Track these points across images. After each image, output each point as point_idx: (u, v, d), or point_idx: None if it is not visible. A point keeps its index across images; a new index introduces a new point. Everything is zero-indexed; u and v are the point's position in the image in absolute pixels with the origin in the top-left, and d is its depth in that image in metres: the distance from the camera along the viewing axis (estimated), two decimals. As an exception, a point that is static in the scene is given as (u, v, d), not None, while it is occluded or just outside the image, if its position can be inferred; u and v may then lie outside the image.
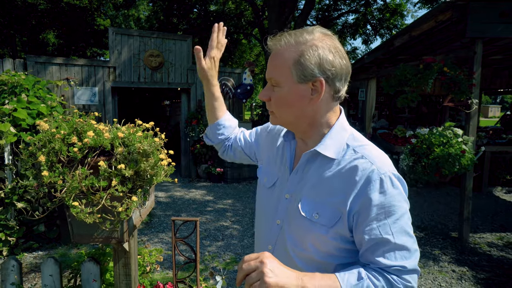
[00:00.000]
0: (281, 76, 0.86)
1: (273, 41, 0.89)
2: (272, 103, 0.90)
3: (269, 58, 0.89)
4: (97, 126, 1.30)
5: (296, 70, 0.84)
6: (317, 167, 0.89)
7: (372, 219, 0.80)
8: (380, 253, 0.81)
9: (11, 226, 3.55)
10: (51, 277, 1.58)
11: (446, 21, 3.98)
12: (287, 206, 0.93)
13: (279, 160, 1.03)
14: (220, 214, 5.07)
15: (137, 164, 1.27)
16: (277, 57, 0.86)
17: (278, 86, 0.87)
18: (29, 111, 3.61)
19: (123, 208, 1.23)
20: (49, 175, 1.15)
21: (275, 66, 0.87)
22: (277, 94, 0.88)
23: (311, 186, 0.89)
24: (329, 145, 0.88)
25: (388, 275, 0.80)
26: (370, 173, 0.81)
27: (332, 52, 0.84)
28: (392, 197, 0.81)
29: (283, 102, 0.88)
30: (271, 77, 0.88)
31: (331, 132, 0.90)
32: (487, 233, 4.32)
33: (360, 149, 0.86)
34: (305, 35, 0.84)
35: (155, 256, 1.96)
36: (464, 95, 3.74)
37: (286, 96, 0.86)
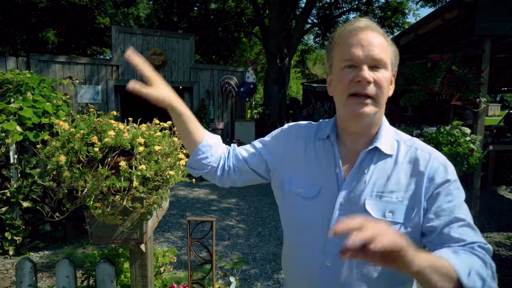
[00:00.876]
0: (388, 58, 0.84)
1: (370, 22, 0.85)
2: (377, 83, 0.82)
3: (370, 37, 0.82)
4: (117, 125, 1.28)
5: (394, 59, 0.87)
6: (376, 165, 0.86)
7: (443, 202, 0.81)
8: (458, 231, 0.77)
9: (17, 226, 3.53)
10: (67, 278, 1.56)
11: (453, 19, 3.96)
12: (345, 213, 0.85)
13: (319, 164, 0.91)
14: (225, 213, 5.05)
15: (158, 164, 1.24)
16: (382, 41, 0.84)
17: (384, 68, 0.83)
18: (34, 109, 3.58)
19: (145, 209, 1.21)
20: (70, 175, 1.13)
21: (382, 47, 0.83)
22: (383, 75, 0.83)
23: (374, 185, 0.85)
24: (385, 142, 0.87)
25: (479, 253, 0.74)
26: (432, 161, 0.84)
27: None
28: (455, 181, 0.84)
29: (385, 85, 0.84)
30: (380, 58, 0.82)
31: (383, 129, 0.89)
32: (494, 233, 4.31)
33: (411, 143, 0.89)
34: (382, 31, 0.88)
35: (168, 257, 1.94)
36: (472, 93, 3.72)
37: (389, 79, 0.86)
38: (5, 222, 3.50)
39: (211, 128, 7.55)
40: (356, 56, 0.81)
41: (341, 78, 0.84)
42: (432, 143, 3.85)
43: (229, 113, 7.82)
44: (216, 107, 7.66)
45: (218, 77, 7.61)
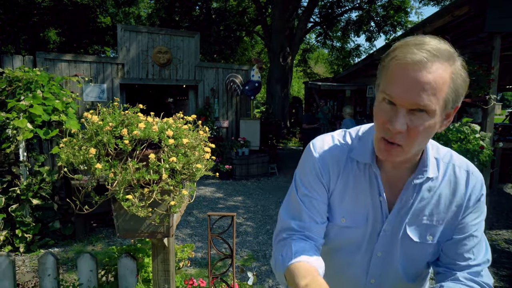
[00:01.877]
0: (438, 101, 0.68)
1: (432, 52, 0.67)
2: (410, 133, 0.70)
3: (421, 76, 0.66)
4: (145, 118, 1.28)
5: (452, 97, 0.70)
6: (425, 191, 0.85)
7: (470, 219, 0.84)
8: (468, 250, 0.84)
9: (27, 223, 3.53)
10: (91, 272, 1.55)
11: (462, 16, 3.96)
12: (389, 238, 0.87)
13: (362, 192, 0.86)
14: (232, 211, 5.05)
15: (187, 156, 1.24)
16: (440, 76, 0.67)
17: (429, 114, 0.69)
18: (44, 107, 3.58)
19: (175, 202, 1.20)
20: (102, 167, 1.12)
21: (435, 88, 0.67)
22: (422, 124, 0.69)
23: (416, 210, 0.85)
24: (432, 166, 0.83)
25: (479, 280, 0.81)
26: (471, 180, 0.85)
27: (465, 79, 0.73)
28: (485, 198, 0.86)
29: (426, 133, 0.71)
30: (426, 103, 0.67)
31: (428, 154, 0.83)
32: (503, 230, 4.30)
33: (447, 159, 0.86)
34: (452, 52, 0.71)
35: (187, 252, 1.94)
36: (483, 90, 3.72)
37: (433, 125, 0.71)
38: (15, 219, 3.50)
39: (216, 126, 7.55)
40: (395, 95, 0.69)
41: (379, 111, 0.74)
42: (441, 140, 3.85)
43: (234, 112, 7.82)
44: (221, 105, 7.66)
45: (223, 75, 7.60)
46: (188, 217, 4.80)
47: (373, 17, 14.75)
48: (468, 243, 0.83)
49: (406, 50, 0.69)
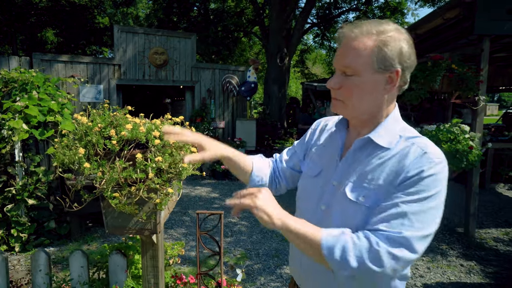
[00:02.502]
0: (360, 64, 0.85)
1: (351, 27, 0.87)
2: (344, 91, 0.89)
3: (345, 44, 0.87)
4: (133, 119, 1.33)
5: (378, 59, 0.84)
6: (368, 155, 0.91)
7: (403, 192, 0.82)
8: (384, 217, 0.81)
9: (22, 223, 3.57)
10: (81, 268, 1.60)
11: (453, 18, 4.02)
12: (333, 192, 0.95)
13: (327, 150, 1.04)
14: (227, 211, 5.07)
15: (173, 156, 1.29)
16: (357, 44, 0.85)
17: (355, 75, 0.86)
18: (40, 108, 3.62)
19: (160, 199, 1.26)
20: (90, 167, 1.18)
21: (353, 55, 0.85)
22: (352, 83, 0.87)
23: (360, 172, 0.90)
24: (382, 134, 0.90)
25: (373, 239, 0.79)
26: (420, 156, 0.83)
27: (409, 45, 0.86)
28: (434, 180, 0.81)
29: (358, 91, 0.87)
30: (348, 65, 0.86)
31: (385, 122, 0.91)
32: (493, 229, 4.37)
33: (412, 139, 0.88)
34: (384, 25, 0.86)
35: (177, 250, 1.99)
36: (472, 91, 3.78)
37: (363, 85, 0.86)
38: (11, 219, 3.54)
39: (213, 127, 7.60)
40: (334, 61, 0.91)
41: None
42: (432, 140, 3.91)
43: (230, 112, 7.87)
44: (217, 106, 7.71)
45: (219, 76, 7.66)
46: (183, 217, 4.85)
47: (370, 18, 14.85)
48: (388, 211, 0.81)
49: (346, 28, 0.89)
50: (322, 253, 0.80)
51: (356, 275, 0.79)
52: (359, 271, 0.78)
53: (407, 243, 0.79)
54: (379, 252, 0.77)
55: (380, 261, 0.77)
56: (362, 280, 0.86)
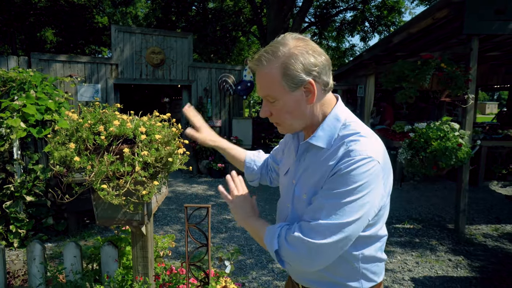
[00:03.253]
0: (275, 91, 0.93)
1: (253, 62, 0.95)
2: (275, 116, 0.99)
3: (257, 78, 0.96)
4: (121, 116, 1.41)
5: (287, 82, 0.91)
6: (311, 156, 1.00)
7: (325, 187, 0.90)
8: (307, 209, 0.93)
9: (21, 219, 3.65)
10: (74, 258, 1.68)
11: (443, 19, 4.09)
12: (293, 189, 1.05)
13: (290, 150, 1.14)
14: (223, 208, 5.18)
15: (158, 151, 1.37)
16: (265, 76, 0.93)
17: (276, 100, 0.94)
18: (37, 107, 3.70)
19: (146, 191, 1.33)
20: (80, 160, 1.25)
21: (266, 85, 0.94)
22: (277, 107, 0.96)
23: (304, 171, 1.01)
24: (320, 136, 0.96)
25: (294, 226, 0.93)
26: (346, 154, 0.89)
27: (310, 54, 0.91)
28: (353, 176, 0.86)
29: (284, 112, 0.96)
30: (266, 95, 0.95)
31: (323, 124, 0.97)
32: (483, 225, 4.45)
33: (346, 138, 0.92)
34: (281, 48, 0.91)
35: (167, 242, 2.07)
36: (461, 90, 3.85)
37: (285, 106, 0.95)
38: (9, 215, 3.62)
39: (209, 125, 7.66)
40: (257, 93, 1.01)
41: None
42: (422, 138, 3.99)
43: (227, 111, 7.95)
44: (214, 105, 7.79)
45: (216, 75, 7.73)
46: (179, 214, 4.93)
47: (367, 17, 14.90)
48: (314, 204, 0.91)
49: (251, 63, 0.98)
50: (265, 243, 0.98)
51: (284, 259, 0.93)
52: (283, 254, 0.93)
53: (320, 229, 0.87)
54: (294, 237, 0.90)
55: (294, 244, 0.90)
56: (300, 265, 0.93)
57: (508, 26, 3.85)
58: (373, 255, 1.01)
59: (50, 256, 3.51)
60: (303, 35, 0.97)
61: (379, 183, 0.90)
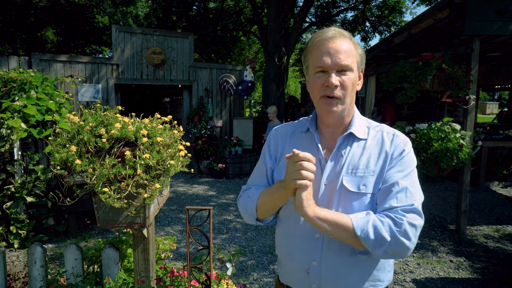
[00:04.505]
0: (353, 63, 1.00)
1: (339, 31, 1.01)
2: (342, 88, 1.00)
3: (339, 46, 0.98)
4: (122, 119, 1.40)
5: (360, 59, 1.02)
6: (351, 148, 1.04)
7: (394, 171, 0.99)
8: (392, 196, 0.96)
9: (21, 220, 3.65)
10: (75, 260, 1.68)
11: (444, 19, 4.08)
12: (329, 191, 1.02)
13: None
14: (223, 209, 5.18)
15: (160, 154, 1.37)
16: (350, 47, 1.00)
17: (351, 71, 1.00)
18: (38, 107, 3.70)
19: (148, 194, 1.33)
20: (81, 163, 1.25)
21: (351, 54, 0.99)
22: (348, 79, 1.00)
23: (349, 164, 1.02)
24: (358, 128, 1.05)
25: (393, 215, 0.93)
26: (395, 140, 1.03)
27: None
28: (411, 156, 1.02)
29: (351, 87, 1.01)
30: (349, 64, 0.99)
31: (355, 117, 1.07)
32: (484, 226, 4.44)
33: (379, 128, 1.07)
34: (346, 33, 1.02)
35: (169, 244, 2.06)
36: (462, 91, 3.84)
37: (353, 81, 1.01)
38: (10, 216, 3.62)
39: (210, 126, 7.67)
40: (325, 63, 0.98)
41: (314, 81, 1.02)
42: (423, 139, 3.98)
43: (228, 111, 7.94)
44: (214, 105, 7.78)
45: (216, 75, 7.73)
46: (180, 214, 4.92)
47: (368, 17, 14.89)
48: (393, 190, 0.96)
49: (320, 34, 1.02)
50: (357, 234, 0.92)
51: (389, 250, 0.91)
52: (393, 245, 0.91)
53: (417, 211, 0.95)
54: (403, 225, 0.91)
55: (406, 232, 0.91)
56: (392, 254, 0.94)
57: (509, 27, 3.84)
58: None
59: (51, 257, 3.51)
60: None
61: None
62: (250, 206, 1.11)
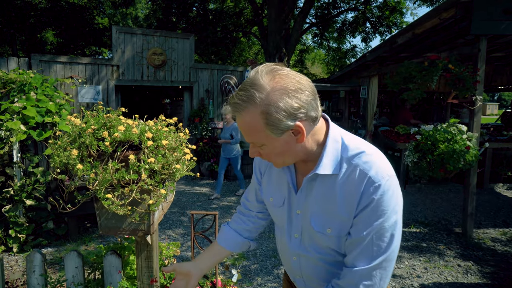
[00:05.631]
0: (260, 138, 0.86)
1: (232, 109, 0.85)
2: (265, 157, 0.93)
3: (238, 124, 0.87)
4: (126, 121, 1.33)
5: (271, 130, 0.83)
6: (320, 185, 0.94)
7: (362, 221, 0.87)
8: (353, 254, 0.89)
9: (20, 223, 3.58)
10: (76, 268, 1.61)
11: (449, 19, 4.02)
12: (301, 221, 1.01)
13: (283, 179, 1.05)
14: (226, 211, 5.11)
15: (165, 157, 1.30)
16: (246, 124, 0.84)
17: (263, 145, 0.88)
18: (38, 109, 3.63)
19: (153, 201, 1.26)
20: (83, 168, 1.18)
21: (249, 133, 0.86)
22: (265, 151, 0.90)
23: (317, 203, 0.95)
24: (326, 164, 0.90)
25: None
26: (367, 182, 0.85)
27: (291, 96, 0.80)
28: (384, 202, 0.85)
29: (274, 154, 0.90)
30: (252, 141, 0.89)
31: (325, 151, 0.91)
32: (491, 229, 4.38)
33: (355, 160, 0.89)
34: (257, 94, 0.80)
35: (172, 250, 2.00)
36: (469, 91, 3.79)
37: (274, 149, 0.88)
38: (9, 219, 3.55)
39: (211, 127, 7.61)
40: None
41: None
42: (429, 140, 3.92)
43: (229, 113, 7.88)
44: (215, 106, 7.72)
45: (217, 76, 7.67)
46: (181, 217, 4.85)
47: (368, 18, 14.85)
48: (358, 246, 0.88)
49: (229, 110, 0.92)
50: None
51: None
52: None
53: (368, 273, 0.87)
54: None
55: None
56: None
57: (516, 27, 3.78)
58: None
59: (50, 261, 3.44)
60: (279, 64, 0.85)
61: (400, 192, 0.91)
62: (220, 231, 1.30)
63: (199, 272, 1.16)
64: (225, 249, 1.23)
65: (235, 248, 1.25)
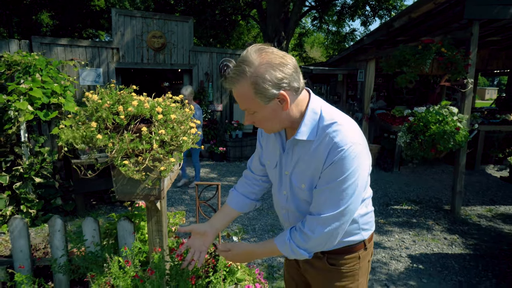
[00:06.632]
0: (251, 105, 1.03)
1: (227, 83, 1.04)
2: (257, 123, 1.11)
3: (234, 95, 1.05)
4: (138, 97, 1.48)
5: (260, 98, 1.00)
6: (300, 149, 1.12)
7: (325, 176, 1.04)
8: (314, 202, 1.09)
9: (31, 199, 3.76)
10: (94, 231, 1.79)
11: (444, 3, 4.11)
12: (287, 180, 1.20)
13: (276, 145, 1.23)
14: (226, 190, 5.30)
15: (174, 130, 1.46)
16: (239, 94, 1.02)
17: (255, 112, 1.06)
18: (43, 90, 3.75)
19: (164, 167, 1.43)
20: (102, 138, 1.34)
21: (242, 101, 1.04)
22: (257, 117, 1.07)
23: (296, 164, 1.14)
24: (304, 131, 1.07)
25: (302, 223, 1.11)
26: (331, 147, 1.02)
27: (276, 69, 0.97)
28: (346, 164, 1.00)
29: (264, 120, 1.08)
30: (245, 109, 1.06)
31: (304, 120, 1.07)
32: (478, 206, 4.60)
33: (327, 128, 1.04)
34: (247, 68, 0.97)
35: (178, 218, 2.18)
36: (460, 74, 3.92)
37: (264, 116, 1.06)
38: (20, 196, 3.73)
39: (211, 110, 7.73)
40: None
41: None
42: (421, 122, 4.08)
43: (228, 95, 7.99)
44: (215, 89, 7.82)
45: (217, 59, 7.73)
46: (183, 196, 5.05)
47: (368, 1, 14.72)
48: (319, 197, 1.06)
49: (225, 83, 1.06)
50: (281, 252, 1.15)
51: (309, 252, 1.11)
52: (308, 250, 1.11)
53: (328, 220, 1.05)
54: (303, 233, 1.09)
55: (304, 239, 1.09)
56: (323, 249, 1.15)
57: (509, 11, 3.88)
58: (365, 211, 1.22)
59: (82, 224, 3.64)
60: (266, 44, 1.03)
61: (365, 159, 1.05)
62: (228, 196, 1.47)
63: (214, 231, 1.36)
64: (235, 210, 1.42)
65: (244, 208, 1.43)
